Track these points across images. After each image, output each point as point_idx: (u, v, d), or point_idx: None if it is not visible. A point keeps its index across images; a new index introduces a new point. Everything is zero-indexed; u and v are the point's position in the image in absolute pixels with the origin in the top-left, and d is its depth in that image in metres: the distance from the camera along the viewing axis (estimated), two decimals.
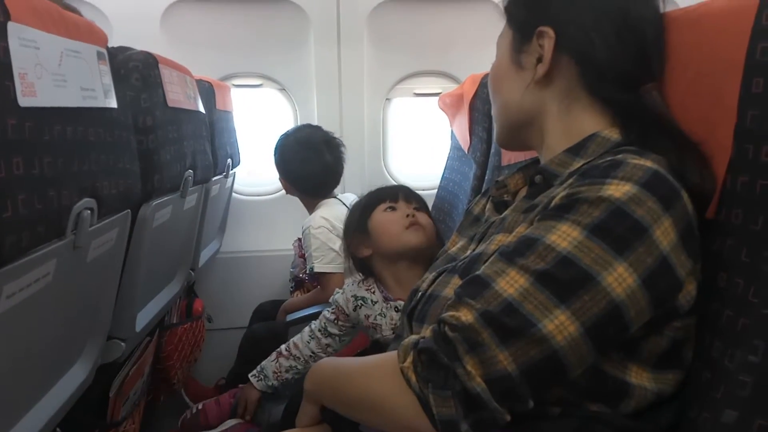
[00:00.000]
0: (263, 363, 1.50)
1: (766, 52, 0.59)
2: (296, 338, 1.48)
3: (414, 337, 0.69)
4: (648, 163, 0.63)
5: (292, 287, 2.21)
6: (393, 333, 1.29)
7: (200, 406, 1.67)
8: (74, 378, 0.97)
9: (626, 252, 0.59)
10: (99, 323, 1.03)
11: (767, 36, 0.59)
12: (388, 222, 1.32)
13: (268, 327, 1.98)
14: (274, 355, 1.49)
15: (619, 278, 0.59)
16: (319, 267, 1.86)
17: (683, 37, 0.72)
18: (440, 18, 2.37)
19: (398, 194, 1.37)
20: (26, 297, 0.70)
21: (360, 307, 1.37)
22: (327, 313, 1.44)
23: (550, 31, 0.75)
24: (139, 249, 1.12)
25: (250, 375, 1.50)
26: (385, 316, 1.34)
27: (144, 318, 1.27)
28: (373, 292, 1.37)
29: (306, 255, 1.94)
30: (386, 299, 1.35)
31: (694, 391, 0.66)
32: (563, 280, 0.60)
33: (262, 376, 1.48)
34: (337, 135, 2.04)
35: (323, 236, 1.88)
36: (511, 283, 0.62)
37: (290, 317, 1.90)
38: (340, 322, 1.42)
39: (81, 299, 0.93)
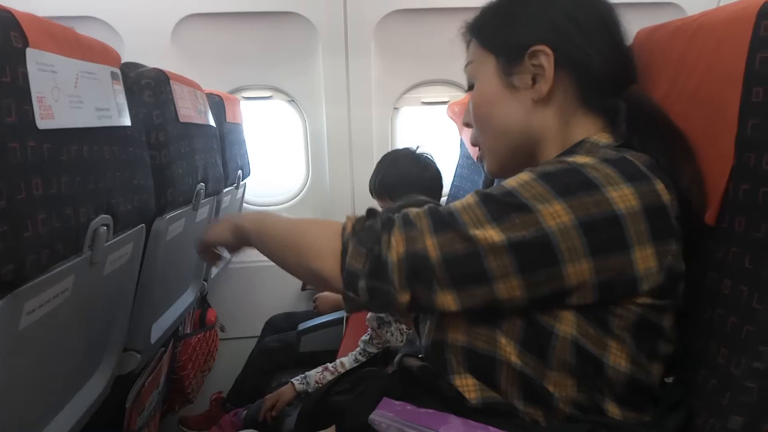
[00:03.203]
0: (308, 372, 1.60)
1: (765, 61, 0.60)
2: (343, 359, 1.60)
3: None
4: (619, 152, 0.67)
5: None
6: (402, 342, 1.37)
7: None
8: (92, 390, 0.99)
9: (568, 196, 0.63)
10: (115, 335, 1.05)
11: (766, 46, 0.60)
12: None
13: (281, 339, 2.01)
14: (320, 368, 1.60)
15: (555, 213, 0.63)
16: None
17: (683, 47, 0.73)
18: (445, 27, 2.35)
19: None
20: (46, 312, 0.72)
21: (381, 326, 1.51)
22: (365, 336, 1.57)
23: (546, 49, 0.75)
24: (153, 262, 1.14)
25: (293, 379, 1.60)
26: (392, 335, 1.48)
27: (158, 329, 1.30)
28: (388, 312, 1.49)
29: None
30: (396, 320, 1.49)
31: (701, 398, 0.67)
32: (501, 203, 0.66)
33: (305, 382, 1.58)
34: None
35: None
36: (461, 202, 0.69)
37: (302, 326, 1.92)
38: (374, 341, 1.54)
39: (98, 312, 0.95)
